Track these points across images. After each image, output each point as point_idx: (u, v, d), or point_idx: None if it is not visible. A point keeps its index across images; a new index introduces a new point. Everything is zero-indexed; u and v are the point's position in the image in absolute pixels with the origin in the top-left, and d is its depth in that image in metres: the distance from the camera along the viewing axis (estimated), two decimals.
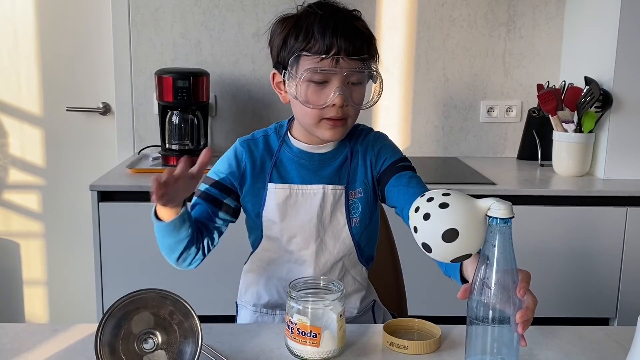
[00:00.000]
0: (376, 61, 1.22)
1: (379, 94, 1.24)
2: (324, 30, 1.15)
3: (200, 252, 1.22)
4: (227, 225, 1.29)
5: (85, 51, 2.60)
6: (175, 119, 2.34)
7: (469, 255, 0.94)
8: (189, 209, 1.18)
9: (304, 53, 1.16)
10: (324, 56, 1.15)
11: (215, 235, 1.26)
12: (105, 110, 2.64)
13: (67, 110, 2.60)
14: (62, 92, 2.62)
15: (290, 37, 1.18)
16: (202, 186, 1.28)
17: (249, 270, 1.35)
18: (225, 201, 1.27)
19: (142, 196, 2.07)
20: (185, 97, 2.28)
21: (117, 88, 2.57)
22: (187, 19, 2.53)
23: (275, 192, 1.25)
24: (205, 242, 1.23)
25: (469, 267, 1.05)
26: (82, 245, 2.64)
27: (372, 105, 1.24)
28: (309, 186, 1.25)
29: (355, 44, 1.16)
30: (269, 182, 1.26)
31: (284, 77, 1.21)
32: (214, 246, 1.27)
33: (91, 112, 2.64)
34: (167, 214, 1.13)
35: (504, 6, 2.58)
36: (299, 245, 1.27)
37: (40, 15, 2.57)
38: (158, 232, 1.17)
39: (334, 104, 1.18)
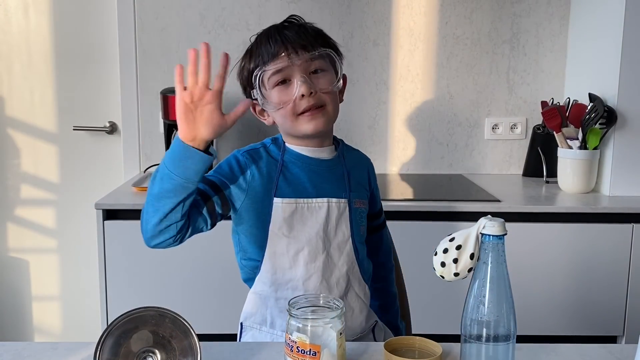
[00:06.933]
0: (334, 52, 1.26)
1: (339, 76, 1.27)
2: (268, 39, 1.24)
3: (182, 231, 1.15)
4: (205, 223, 1.21)
5: (92, 71, 2.63)
6: None
7: None
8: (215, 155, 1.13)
9: (263, 67, 1.23)
10: (278, 60, 1.22)
11: (197, 224, 1.19)
12: (112, 129, 2.66)
13: (74, 129, 2.63)
14: (69, 111, 2.65)
15: (247, 63, 1.27)
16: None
17: (255, 292, 1.30)
18: (212, 198, 1.21)
19: None
20: None
21: (124, 107, 2.60)
22: (193, 39, 2.56)
23: (281, 206, 1.24)
24: (188, 223, 1.16)
25: None
26: (90, 262, 2.65)
27: (340, 82, 1.27)
28: (314, 200, 1.26)
29: (302, 37, 1.23)
30: (275, 196, 1.25)
31: (255, 97, 1.26)
32: (188, 236, 1.18)
33: (98, 131, 2.66)
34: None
35: (508, 24, 2.59)
36: (306, 259, 1.26)
37: (52, 34, 2.61)
38: (171, 162, 1.10)
39: (302, 95, 1.21)
